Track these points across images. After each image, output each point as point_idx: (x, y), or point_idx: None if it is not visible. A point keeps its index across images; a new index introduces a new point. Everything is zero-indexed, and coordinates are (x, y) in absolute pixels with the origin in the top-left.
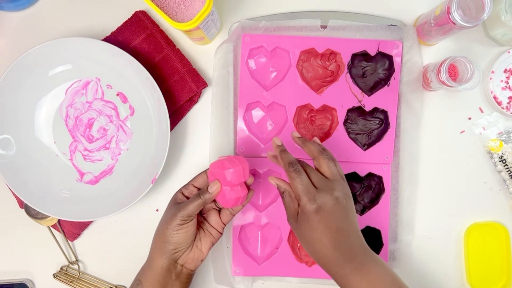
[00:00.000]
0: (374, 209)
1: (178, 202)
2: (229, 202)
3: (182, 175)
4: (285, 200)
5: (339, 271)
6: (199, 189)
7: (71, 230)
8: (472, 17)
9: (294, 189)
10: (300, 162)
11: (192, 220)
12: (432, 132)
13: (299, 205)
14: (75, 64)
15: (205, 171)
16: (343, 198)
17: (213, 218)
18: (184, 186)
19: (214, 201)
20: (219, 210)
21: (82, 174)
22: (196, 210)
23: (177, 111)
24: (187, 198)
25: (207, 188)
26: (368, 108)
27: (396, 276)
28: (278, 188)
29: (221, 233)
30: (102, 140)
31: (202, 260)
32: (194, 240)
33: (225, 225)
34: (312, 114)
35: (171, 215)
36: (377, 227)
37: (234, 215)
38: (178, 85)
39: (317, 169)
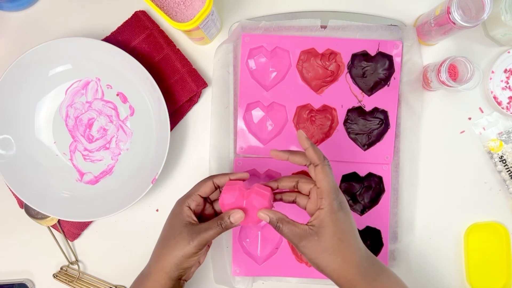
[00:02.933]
0: (374, 209)
1: (188, 221)
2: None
3: (182, 175)
4: (284, 230)
5: (357, 283)
6: (204, 198)
7: (71, 230)
8: (472, 17)
9: (321, 185)
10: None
11: (206, 247)
12: (432, 132)
13: (318, 208)
14: (75, 64)
15: (210, 178)
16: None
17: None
18: (190, 198)
19: (212, 206)
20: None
21: (82, 174)
22: (214, 237)
23: (177, 111)
24: (194, 211)
25: (229, 216)
26: (368, 108)
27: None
28: (270, 221)
29: (208, 248)
30: (102, 140)
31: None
32: None
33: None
34: (312, 114)
35: (185, 240)
36: (377, 227)
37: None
38: (178, 85)
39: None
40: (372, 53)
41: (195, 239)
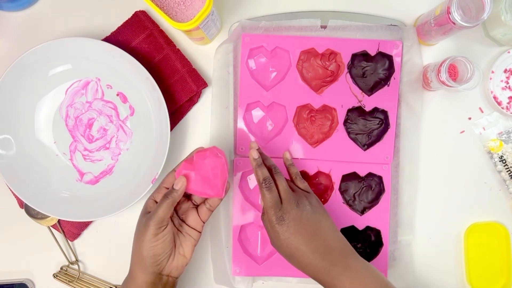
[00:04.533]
0: (374, 209)
1: (148, 211)
2: (193, 191)
3: None
4: (264, 221)
5: (325, 277)
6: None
7: (71, 230)
8: (472, 17)
9: (263, 204)
10: (273, 175)
11: (166, 226)
12: (432, 132)
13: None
14: (75, 64)
15: (173, 170)
16: (309, 208)
17: (191, 218)
18: (156, 191)
19: (190, 199)
20: (197, 208)
21: (82, 174)
22: (167, 213)
23: (177, 111)
24: None
25: (173, 185)
26: (368, 108)
27: (385, 279)
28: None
29: (200, 232)
30: (102, 140)
31: (186, 264)
32: (175, 247)
33: (204, 223)
34: (312, 114)
35: (144, 226)
36: (377, 227)
37: (212, 211)
38: (178, 85)
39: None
40: (372, 53)
41: (149, 221)
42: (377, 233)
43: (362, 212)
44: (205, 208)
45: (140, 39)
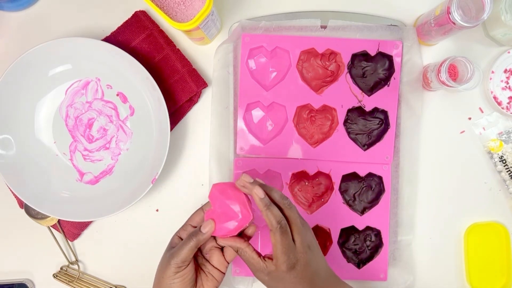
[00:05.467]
0: (374, 209)
1: (173, 247)
2: (223, 232)
3: (182, 175)
4: (245, 258)
5: None
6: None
7: (71, 230)
8: (472, 17)
9: (274, 246)
10: (284, 211)
11: (188, 266)
12: (432, 132)
13: (270, 260)
14: (75, 64)
15: (201, 208)
16: (311, 244)
17: (215, 258)
18: (182, 228)
19: (215, 239)
20: (222, 248)
21: (82, 174)
22: (189, 254)
23: (177, 111)
24: None
25: (200, 228)
26: (368, 108)
27: None
28: (236, 250)
29: (224, 273)
30: (102, 140)
31: None
32: (196, 286)
33: (228, 263)
34: (312, 114)
35: (166, 262)
36: (377, 227)
37: (236, 254)
38: (178, 85)
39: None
40: (372, 53)
41: (171, 259)
42: (377, 233)
43: (362, 212)
44: (230, 248)
45: (140, 39)
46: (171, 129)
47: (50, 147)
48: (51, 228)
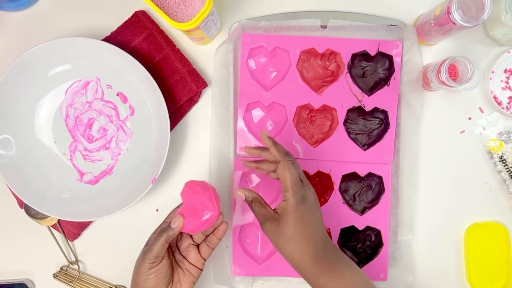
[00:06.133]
0: (374, 209)
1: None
2: (193, 227)
3: (182, 175)
4: (255, 208)
5: (312, 271)
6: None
7: (71, 230)
8: (472, 17)
9: (283, 180)
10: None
11: (161, 261)
12: (432, 132)
13: (283, 200)
14: (75, 64)
15: (178, 207)
16: (314, 198)
17: (192, 255)
18: (159, 226)
19: (191, 237)
20: (198, 246)
21: (82, 174)
22: (161, 249)
23: (177, 111)
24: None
25: (170, 223)
26: (368, 108)
27: (367, 278)
28: (246, 199)
29: (201, 269)
30: (102, 140)
31: None
32: (173, 282)
33: (205, 260)
34: (312, 114)
35: (140, 259)
36: (377, 227)
37: (213, 248)
38: (178, 85)
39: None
40: (372, 53)
41: (145, 256)
42: (377, 233)
43: (362, 212)
44: (206, 246)
45: (140, 39)
46: (171, 129)
47: (50, 147)
48: (51, 228)
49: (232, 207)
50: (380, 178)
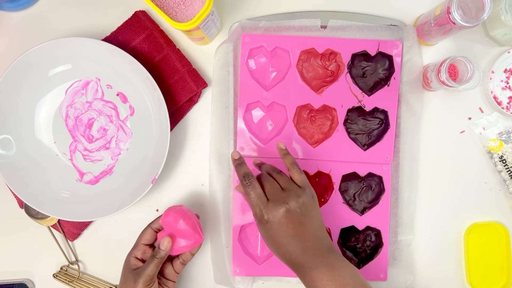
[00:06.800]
0: (374, 209)
1: (133, 269)
2: (178, 250)
3: (182, 175)
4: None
5: (303, 275)
6: (149, 245)
7: (71, 230)
8: (472, 17)
9: (247, 201)
10: (260, 175)
11: (154, 283)
12: (432, 132)
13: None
14: (75, 64)
15: (149, 226)
16: (296, 207)
17: (167, 271)
18: (135, 248)
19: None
20: (171, 261)
21: (82, 174)
22: (155, 271)
23: (177, 111)
24: (141, 260)
25: (159, 246)
26: (368, 108)
27: (364, 279)
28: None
29: (175, 282)
30: (102, 140)
31: None
32: None
33: (178, 273)
34: (312, 114)
35: (133, 282)
36: (377, 227)
37: (185, 264)
38: (178, 85)
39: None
40: (372, 53)
41: (139, 279)
42: (377, 233)
43: (362, 212)
44: (179, 262)
45: (140, 39)
46: (171, 129)
47: (50, 147)
48: (51, 228)
49: (232, 207)
50: (380, 178)
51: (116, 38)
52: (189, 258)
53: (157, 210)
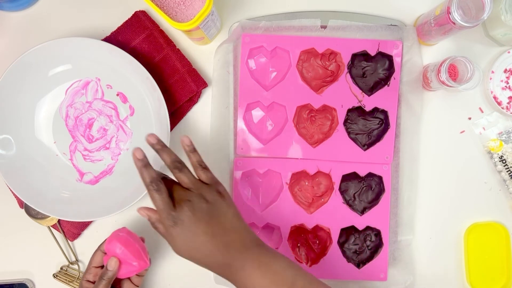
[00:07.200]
0: (374, 209)
1: None
2: (124, 275)
3: None
4: (157, 228)
5: (228, 273)
6: (101, 267)
7: (71, 230)
8: (472, 17)
9: (155, 207)
10: (165, 177)
11: None
12: (432, 132)
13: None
14: (75, 64)
15: (99, 248)
16: (204, 205)
17: (126, 285)
18: (87, 272)
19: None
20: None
21: (82, 174)
22: None
23: (177, 111)
24: (93, 282)
25: (106, 266)
26: (368, 108)
27: (297, 268)
28: (149, 219)
29: None
30: (102, 140)
31: None
32: None
33: (138, 287)
34: (312, 114)
35: None
36: (377, 227)
37: (143, 276)
38: (178, 85)
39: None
40: (372, 53)
41: None
42: (377, 233)
43: (362, 212)
44: (135, 276)
45: (140, 39)
46: (171, 129)
47: (50, 147)
48: (51, 228)
49: None
50: (380, 178)
51: (116, 38)
52: (143, 272)
53: None
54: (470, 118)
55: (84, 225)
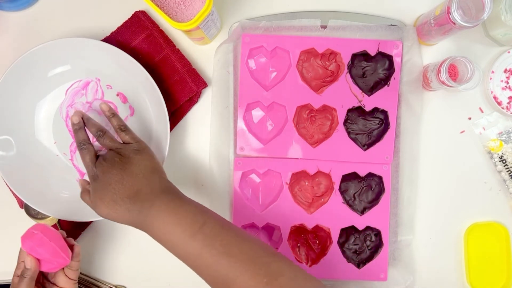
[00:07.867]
0: (374, 209)
1: None
2: (50, 269)
3: (182, 175)
4: (83, 194)
5: (137, 220)
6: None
7: (71, 230)
8: (472, 17)
9: (83, 164)
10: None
11: None
12: (432, 132)
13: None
14: (75, 64)
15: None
16: (118, 159)
17: (61, 279)
18: (16, 267)
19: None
20: (63, 269)
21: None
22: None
23: (177, 111)
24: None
25: (25, 265)
26: (368, 108)
27: (213, 215)
28: (80, 185)
29: (76, 284)
30: None
31: None
32: None
33: (75, 280)
34: (312, 114)
35: None
36: (377, 227)
37: (78, 269)
38: (178, 85)
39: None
40: (372, 53)
41: None
42: (377, 233)
43: (362, 212)
44: (69, 269)
45: (140, 39)
46: (171, 129)
47: (50, 148)
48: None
49: (232, 207)
50: (380, 178)
51: (116, 38)
52: (75, 265)
53: None
54: (470, 118)
55: (84, 225)
